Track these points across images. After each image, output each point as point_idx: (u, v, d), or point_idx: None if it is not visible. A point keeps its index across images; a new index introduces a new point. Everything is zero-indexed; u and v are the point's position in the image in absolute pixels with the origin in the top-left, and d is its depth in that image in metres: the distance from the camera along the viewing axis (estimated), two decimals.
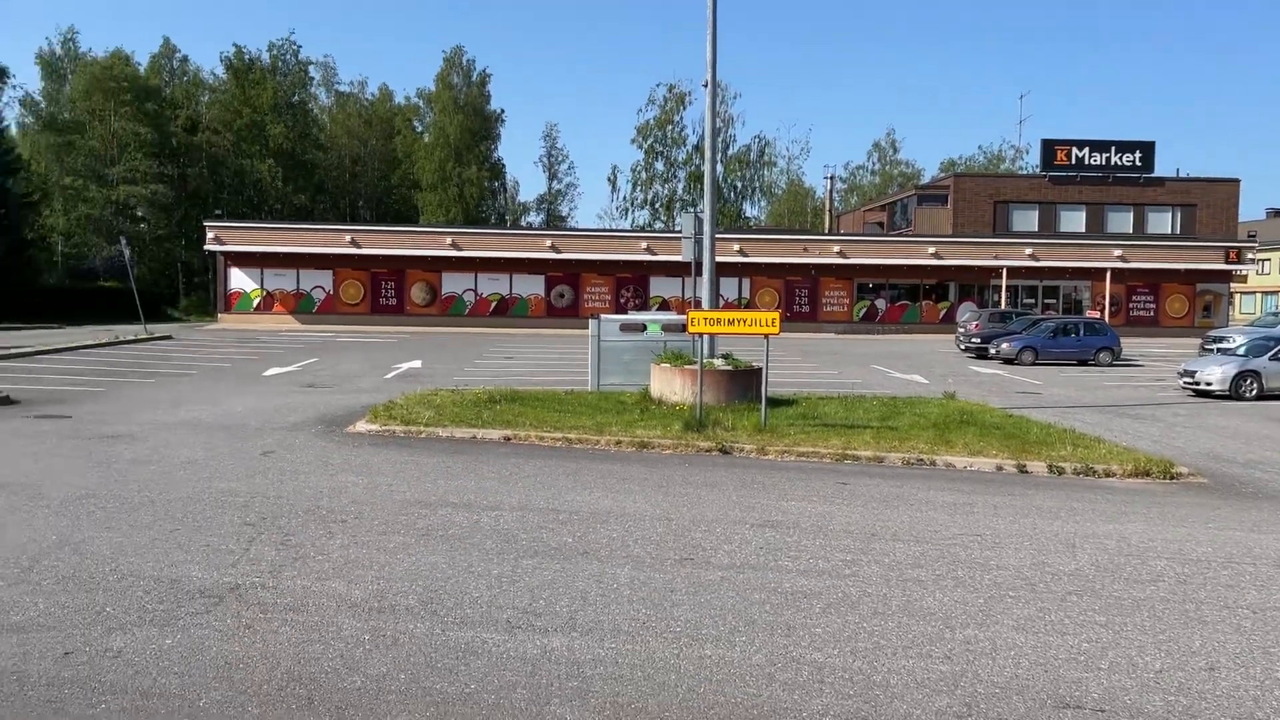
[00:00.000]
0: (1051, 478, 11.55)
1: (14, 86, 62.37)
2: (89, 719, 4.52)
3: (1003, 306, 42.86)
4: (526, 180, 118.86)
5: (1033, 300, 47.18)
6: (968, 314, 37.96)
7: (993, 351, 30.02)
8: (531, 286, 46.12)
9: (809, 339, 40.86)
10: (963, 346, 33.33)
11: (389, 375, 22.31)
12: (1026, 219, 51.05)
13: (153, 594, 6.30)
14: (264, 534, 7.88)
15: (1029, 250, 45.59)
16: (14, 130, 57.13)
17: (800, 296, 47.01)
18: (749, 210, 72.13)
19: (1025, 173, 64.43)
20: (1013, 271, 45.03)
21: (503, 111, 68.75)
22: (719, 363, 16.06)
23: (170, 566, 6.91)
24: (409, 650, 5.44)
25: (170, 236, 61.21)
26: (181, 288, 60.10)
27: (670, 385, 15.77)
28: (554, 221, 75.43)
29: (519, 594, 6.46)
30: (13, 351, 25.55)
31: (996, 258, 45.02)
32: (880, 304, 47.57)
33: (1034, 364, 28.76)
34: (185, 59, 67.59)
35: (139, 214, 61.58)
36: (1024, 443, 12.99)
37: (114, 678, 4.97)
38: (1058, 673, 5.34)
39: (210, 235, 44.46)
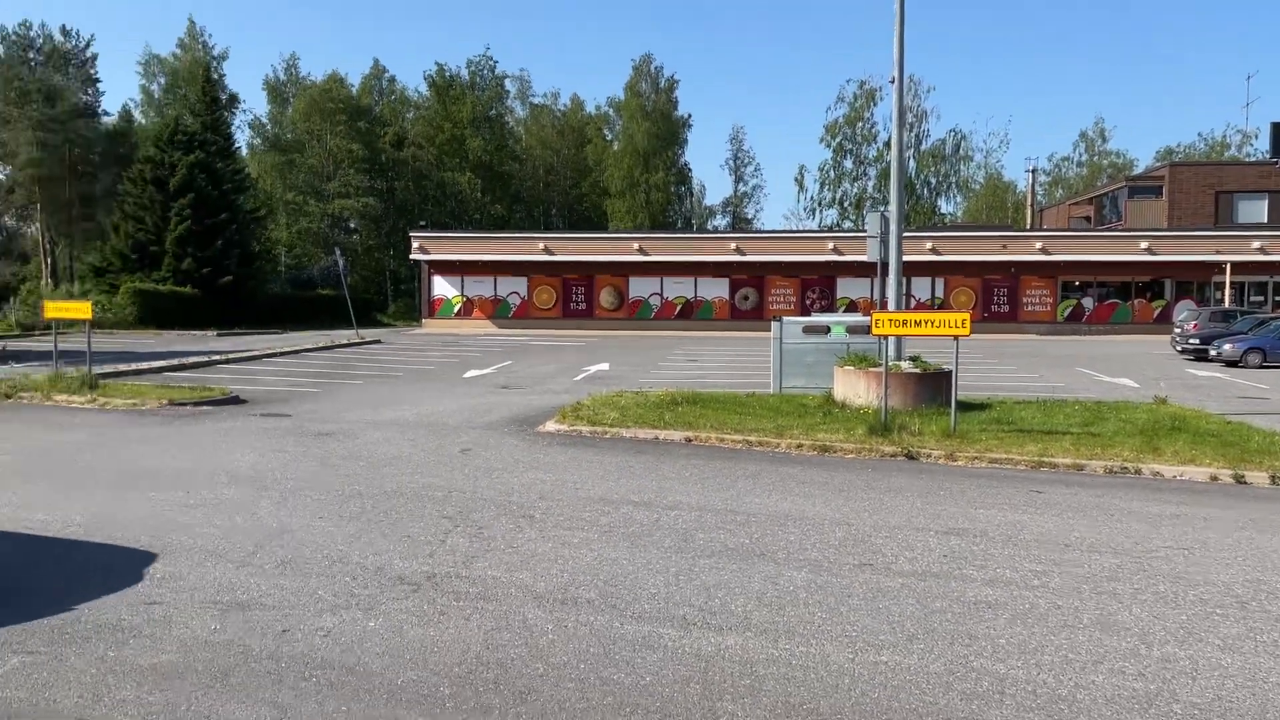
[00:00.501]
0: (1274, 490, 10.64)
1: (244, 111, 68.22)
2: (302, 690, 4.96)
3: (1226, 305, 39.64)
4: (712, 183, 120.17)
5: (1261, 298, 43.38)
6: (1185, 313, 35.33)
7: (1213, 353, 27.84)
8: (716, 289, 46.36)
9: (1008, 340, 39.15)
10: (1179, 348, 31.06)
11: (578, 377, 23.00)
12: (1254, 210, 47.05)
13: (359, 579, 6.81)
14: (459, 527, 8.35)
15: (1258, 244, 42.02)
16: (244, 151, 62.39)
17: (999, 296, 45.11)
18: (944, 206, 69.87)
19: (1253, 159, 59.34)
20: (1238, 267, 41.58)
21: (689, 116, 69.40)
22: (906, 365, 15.69)
23: (375, 555, 7.44)
24: (588, 641, 5.66)
25: (379, 246, 65.37)
26: (390, 294, 64.02)
27: (854, 388, 15.53)
28: (739, 224, 75.49)
29: (695, 592, 6.58)
30: (243, 355, 27.99)
31: (1219, 252, 41.72)
32: (1087, 303, 45.01)
33: (1261, 367, 26.47)
34: (393, 79, 72.02)
35: (352, 226, 66.13)
36: (1243, 451, 12.03)
37: (324, 654, 5.43)
38: (1266, 696, 4.97)
39: (415, 245, 47.13)
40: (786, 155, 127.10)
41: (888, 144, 62.37)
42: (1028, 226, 62.43)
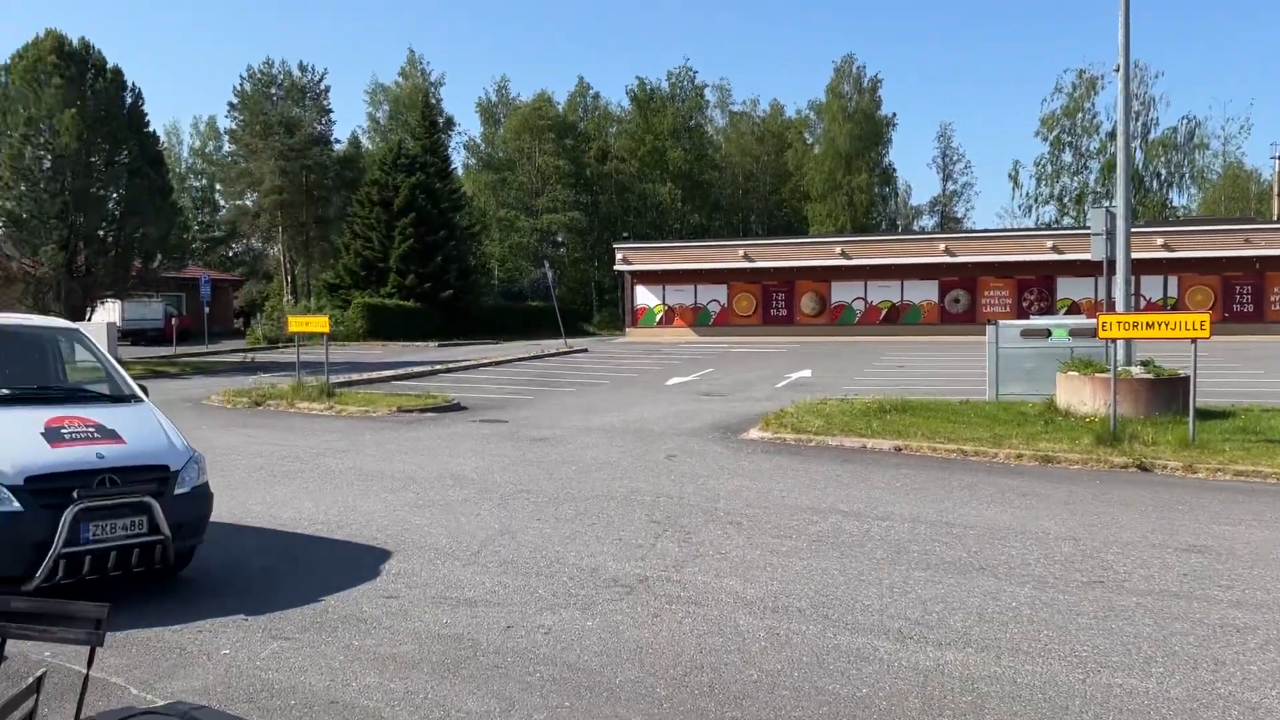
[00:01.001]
0: None
1: (460, 133, 71.94)
2: (526, 684, 5.19)
3: None
4: (919, 183, 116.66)
5: None
6: None
7: None
8: (924, 292, 44.91)
9: (1254, 343, 35.85)
10: None
11: (780, 384, 22.87)
12: None
13: (575, 580, 7.06)
14: (668, 531, 8.49)
15: None
16: (459, 171, 65.84)
17: (1241, 295, 41.43)
18: (1176, 199, 64.82)
19: None
20: None
21: (894, 115, 67.67)
22: (1136, 370, 14.68)
23: (589, 556, 7.68)
24: (801, 650, 5.63)
25: (585, 258, 67.38)
26: (595, 304, 65.82)
27: (1078, 395, 14.67)
28: (949, 224, 72.87)
29: (910, 605, 6.42)
30: (461, 364, 29.53)
31: None
32: None
33: None
34: (596, 95, 73.94)
35: (559, 239, 68.49)
36: None
37: (546, 651, 5.66)
38: None
39: (619, 256, 48.27)
40: (999, 150, 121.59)
41: (1111, 135, 58.59)
42: (1275, 218, 57.00)
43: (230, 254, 73.01)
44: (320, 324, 20.08)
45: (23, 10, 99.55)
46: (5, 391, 7.00)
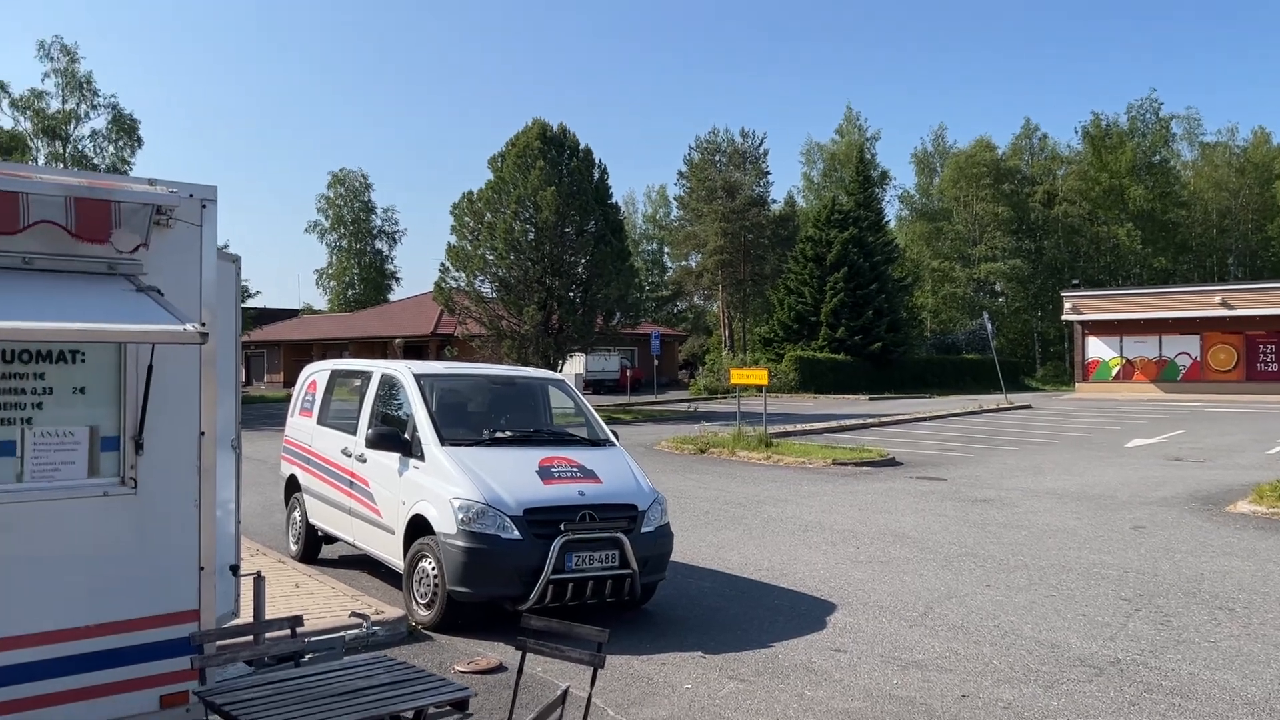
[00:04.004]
0: None
1: (894, 186, 71.59)
2: None
3: None
4: None
5: None
6: None
7: None
8: None
9: None
10: None
11: (1272, 450, 19.75)
12: None
13: (1034, 654, 6.57)
14: (1140, 611, 7.64)
15: None
16: (892, 223, 65.38)
17: None
18: None
19: None
20: None
21: None
22: None
23: (1048, 631, 7.12)
24: None
25: (1026, 308, 63.55)
26: (1037, 357, 61.70)
27: None
28: None
29: None
30: (894, 418, 29.06)
31: None
32: None
33: None
34: (1044, 136, 69.90)
35: (997, 289, 65.28)
36: None
37: None
38: None
39: (1067, 305, 44.87)
40: None
41: None
42: None
43: (675, 311, 78.53)
44: (759, 376, 20.83)
45: (517, 103, 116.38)
46: (509, 433, 8.08)
